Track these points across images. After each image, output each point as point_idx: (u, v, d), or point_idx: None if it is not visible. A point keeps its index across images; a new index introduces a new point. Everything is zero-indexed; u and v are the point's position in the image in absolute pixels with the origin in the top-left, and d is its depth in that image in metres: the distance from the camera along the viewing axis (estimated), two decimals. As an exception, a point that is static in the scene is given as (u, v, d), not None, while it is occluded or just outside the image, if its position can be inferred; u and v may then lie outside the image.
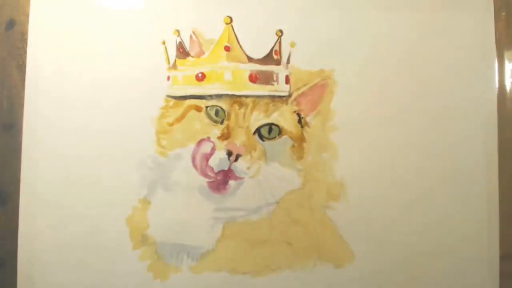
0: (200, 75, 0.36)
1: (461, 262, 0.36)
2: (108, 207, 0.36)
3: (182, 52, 0.37)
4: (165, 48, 0.37)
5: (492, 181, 0.36)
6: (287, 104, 0.37)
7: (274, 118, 0.36)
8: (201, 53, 0.37)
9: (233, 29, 0.37)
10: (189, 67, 0.37)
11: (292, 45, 0.37)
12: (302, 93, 0.37)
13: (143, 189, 0.36)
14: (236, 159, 0.36)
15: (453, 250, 0.36)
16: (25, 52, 0.37)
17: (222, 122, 0.36)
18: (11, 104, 0.37)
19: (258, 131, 0.36)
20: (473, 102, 0.37)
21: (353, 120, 0.37)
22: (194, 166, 0.36)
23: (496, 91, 0.37)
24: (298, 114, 0.37)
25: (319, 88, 0.37)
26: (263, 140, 0.36)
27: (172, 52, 0.37)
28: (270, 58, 0.36)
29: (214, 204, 0.36)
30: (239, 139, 0.36)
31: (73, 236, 0.36)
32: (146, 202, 0.36)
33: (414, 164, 0.36)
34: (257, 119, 0.36)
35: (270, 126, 0.36)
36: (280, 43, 0.37)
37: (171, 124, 0.37)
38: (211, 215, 0.36)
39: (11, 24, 0.38)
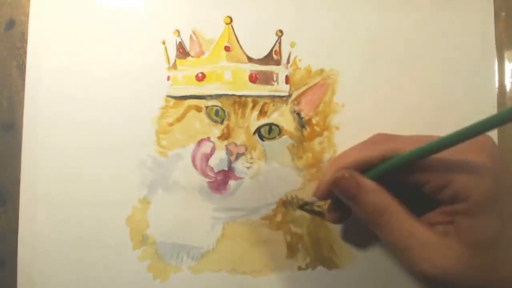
0: (200, 75, 0.36)
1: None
2: (108, 207, 0.36)
3: (182, 52, 0.37)
4: (165, 48, 0.37)
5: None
6: (287, 104, 0.37)
7: (274, 118, 0.36)
8: (201, 53, 0.37)
9: (233, 29, 0.37)
10: (189, 67, 0.37)
11: (292, 45, 0.37)
12: (302, 93, 0.37)
13: (143, 189, 0.36)
14: (236, 159, 0.36)
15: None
16: (25, 52, 0.37)
17: (222, 122, 0.36)
18: (11, 104, 0.37)
19: (258, 131, 0.36)
20: (473, 102, 0.37)
21: (353, 120, 0.37)
22: (194, 166, 0.36)
23: (496, 91, 0.37)
24: (298, 114, 0.37)
25: (319, 88, 0.37)
26: (263, 140, 0.36)
27: (172, 52, 0.37)
28: (270, 58, 0.37)
29: (214, 204, 0.36)
30: (239, 139, 0.36)
31: (73, 236, 0.36)
32: (146, 202, 0.36)
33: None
34: (257, 119, 0.36)
35: (270, 126, 0.36)
36: (280, 43, 0.37)
37: (171, 124, 0.37)
38: (211, 215, 0.36)
39: (11, 24, 0.38)
